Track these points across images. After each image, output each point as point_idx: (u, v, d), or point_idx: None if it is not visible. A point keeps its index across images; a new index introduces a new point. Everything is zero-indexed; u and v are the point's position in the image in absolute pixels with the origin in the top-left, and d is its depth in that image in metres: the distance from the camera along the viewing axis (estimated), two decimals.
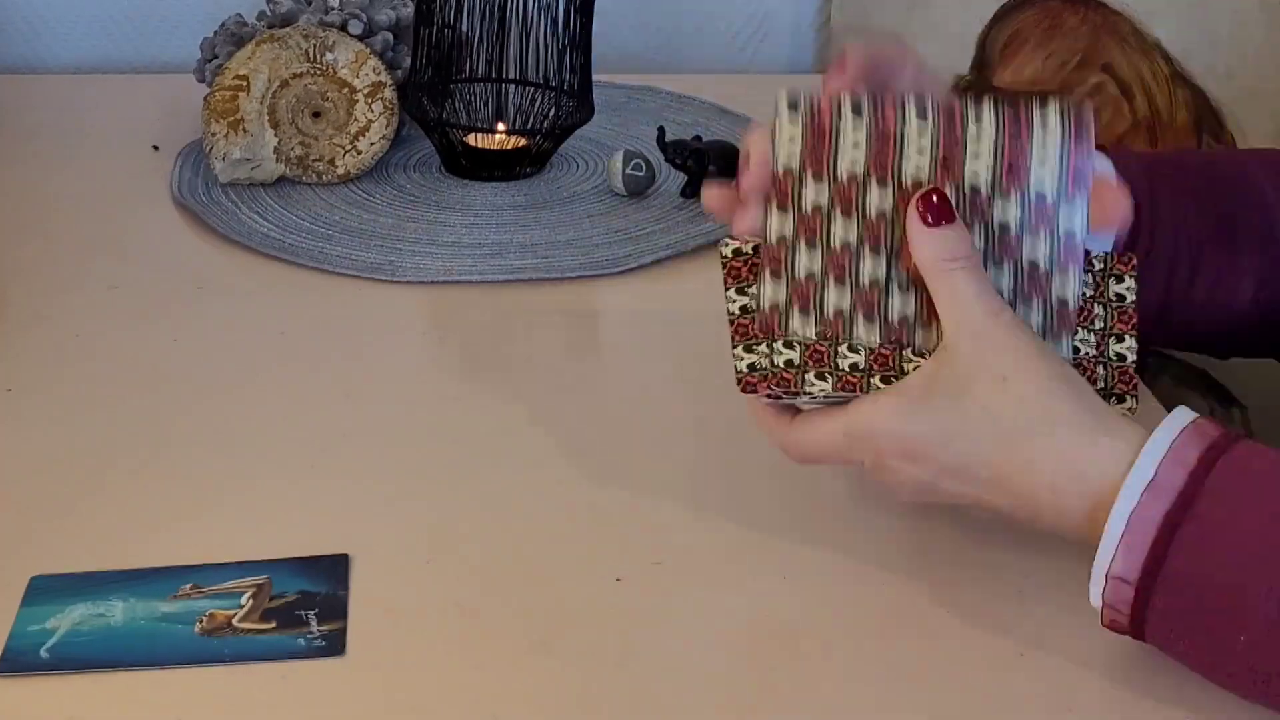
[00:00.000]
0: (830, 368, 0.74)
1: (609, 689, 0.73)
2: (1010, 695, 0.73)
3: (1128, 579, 0.68)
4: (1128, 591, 0.68)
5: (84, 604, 0.76)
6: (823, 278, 0.75)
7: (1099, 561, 0.69)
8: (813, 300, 0.75)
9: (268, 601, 0.76)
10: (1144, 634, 0.70)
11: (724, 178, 1.22)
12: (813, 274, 0.75)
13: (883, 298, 0.74)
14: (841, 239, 0.74)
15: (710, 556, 0.82)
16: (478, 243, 1.15)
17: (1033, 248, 0.75)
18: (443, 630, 0.76)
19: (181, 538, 0.81)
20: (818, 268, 0.75)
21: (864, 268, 0.74)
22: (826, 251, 0.75)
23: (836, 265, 0.75)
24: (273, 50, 1.21)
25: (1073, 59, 1.43)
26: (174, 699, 0.71)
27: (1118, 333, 0.76)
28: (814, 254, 0.75)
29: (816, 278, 0.75)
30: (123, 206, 1.20)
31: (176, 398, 0.95)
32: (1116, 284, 0.77)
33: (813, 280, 0.75)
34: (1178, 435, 0.69)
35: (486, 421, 0.94)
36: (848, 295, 0.75)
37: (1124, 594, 0.68)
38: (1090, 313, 0.76)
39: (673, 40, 1.56)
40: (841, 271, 0.75)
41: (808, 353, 0.75)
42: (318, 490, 0.86)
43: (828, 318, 0.75)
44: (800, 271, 0.75)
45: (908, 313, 0.74)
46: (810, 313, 0.75)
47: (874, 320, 0.74)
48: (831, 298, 0.75)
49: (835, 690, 0.73)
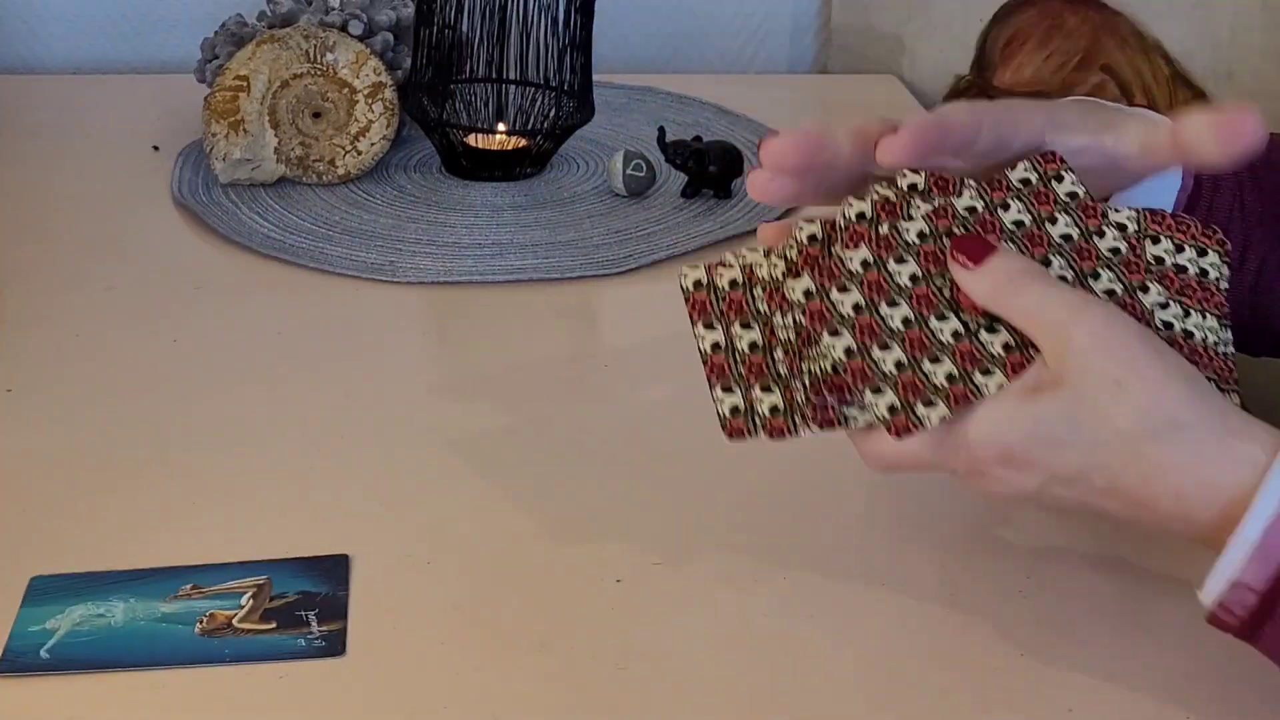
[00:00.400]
0: (930, 389, 0.68)
1: (609, 690, 0.73)
2: (1010, 695, 0.73)
3: (1255, 587, 0.64)
4: (1252, 599, 0.65)
5: (84, 604, 0.76)
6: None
7: (1223, 564, 0.65)
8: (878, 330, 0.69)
9: (268, 602, 0.76)
10: (1255, 638, 0.66)
11: (724, 178, 1.23)
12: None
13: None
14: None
15: (710, 556, 0.82)
16: (478, 243, 1.15)
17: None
18: (443, 631, 0.76)
19: (181, 538, 0.81)
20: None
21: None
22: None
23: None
24: (273, 50, 1.21)
25: (1073, 59, 1.43)
26: (174, 699, 0.71)
27: (1199, 309, 0.72)
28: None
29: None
30: (123, 206, 1.21)
31: (176, 398, 0.95)
32: (1200, 258, 0.73)
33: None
34: None
35: (486, 422, 0.94)
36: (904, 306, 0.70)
37: (1247, 600, 0.65)
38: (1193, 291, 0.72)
39: (673, 40, 1.57)
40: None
41: (900, 388, 0.69)
42: (318, 490, 0.86)
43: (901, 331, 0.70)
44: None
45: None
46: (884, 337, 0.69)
47: (946, 314, 0.70)
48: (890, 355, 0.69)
49: (835, 690, 0.73)
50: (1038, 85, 1.46)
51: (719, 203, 1.22)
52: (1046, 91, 1.45)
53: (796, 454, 0.88)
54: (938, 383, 0.68)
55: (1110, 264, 0.72)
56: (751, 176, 0.74)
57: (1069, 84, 1.45)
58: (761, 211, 1.21)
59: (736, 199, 1.23)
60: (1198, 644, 0.75)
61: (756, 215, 1.21)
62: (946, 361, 0.69)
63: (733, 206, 1.22)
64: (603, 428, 0.94)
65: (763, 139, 0.73)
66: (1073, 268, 0.71)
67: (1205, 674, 0.74)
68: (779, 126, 1.37)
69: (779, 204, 0.73)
